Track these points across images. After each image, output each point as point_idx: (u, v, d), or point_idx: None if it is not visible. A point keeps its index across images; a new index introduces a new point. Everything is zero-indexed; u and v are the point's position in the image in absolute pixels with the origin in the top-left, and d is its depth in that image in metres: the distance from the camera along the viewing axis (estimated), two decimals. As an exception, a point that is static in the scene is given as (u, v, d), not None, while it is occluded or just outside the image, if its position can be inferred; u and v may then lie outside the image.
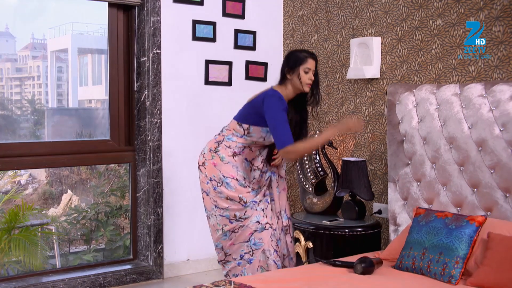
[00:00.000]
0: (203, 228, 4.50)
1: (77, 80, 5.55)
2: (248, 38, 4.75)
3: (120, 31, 4.35)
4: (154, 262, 4.30)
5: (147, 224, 4.30)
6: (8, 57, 6.11)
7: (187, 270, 4.48)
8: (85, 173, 5.66)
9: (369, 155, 4.14)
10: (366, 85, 4.17)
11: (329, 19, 4.48)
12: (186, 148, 4.45)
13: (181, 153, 4.43)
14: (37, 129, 5.32)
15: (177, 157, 4.42)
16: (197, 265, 4.53)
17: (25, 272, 4.44)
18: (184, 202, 4.47)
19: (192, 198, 4.48)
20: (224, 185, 3.31)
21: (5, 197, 4.98)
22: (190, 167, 4.46)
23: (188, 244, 4.50)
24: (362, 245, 3.57)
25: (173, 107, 4.39)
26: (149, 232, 4.30)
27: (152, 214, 4.28)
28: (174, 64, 4.40)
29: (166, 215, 4.36)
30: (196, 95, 4.50)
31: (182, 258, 4.49)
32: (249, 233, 3.30)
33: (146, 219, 4.31)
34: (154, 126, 4.28)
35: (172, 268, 4.42)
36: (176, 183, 4.42)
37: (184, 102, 4.46)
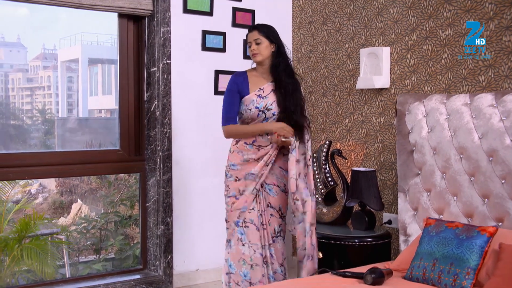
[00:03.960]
0: (213, 238, 4.53)
1: (87, 90, 5.58)
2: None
3: (130, 41, 4.38)
4: (164, 272, 4.30)
5: (157, 234, 4.31)
6: (20, 68, 6.16)
7: (197, 280, 4.48)
8: (95, 183, 5.68)
9: (379, 165, 4.13)
10: (376, 95, 4.17)
11: (339, 29, 4.49)
12: (196, 157, 4.47)
13: (190, 162, 4.44)
14: (47, 139, 5.35)
15: (187, 166, 4.43)
16: (207, 275, 4.52)
17: (36, 281, 4.46)
18: (193, 211, 4.47)
19: (202, 208, 4.49)
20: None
21: (16, 207, 5.01)
22: (200, 177, 4.48)
23: (198, 254, 4.50)
24: (372, 256, 3.55)
25: (182, 117, 4.40)
26: (158, 242, 4.30)
27: (162, 224, 4.28)
28: (184, 74, 4.42)
29: (176, 225, 4.37)
30: (205, 105, 4.52)
31: (191, 268, 4.48)
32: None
33: (155, 229, 4.31)
34: (164, 136, 4.30)
35: (182, 278, 4.42)
36: (185, 192, 4.42)
37: (194, 112, 4.47)
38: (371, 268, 2.89)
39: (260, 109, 3.46)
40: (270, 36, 3.50)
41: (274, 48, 3.52)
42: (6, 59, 6.14)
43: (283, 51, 3.54)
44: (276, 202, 3.52)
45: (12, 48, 6.14)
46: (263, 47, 3.48)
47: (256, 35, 3.49)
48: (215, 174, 4.53)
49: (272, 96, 3.48)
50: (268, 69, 3.54)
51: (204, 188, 4.51)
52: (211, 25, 4.55)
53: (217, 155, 4.51)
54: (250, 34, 3.53)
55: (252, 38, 3.50)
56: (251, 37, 3.51)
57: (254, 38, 3.49)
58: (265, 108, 3.46)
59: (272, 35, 3.52)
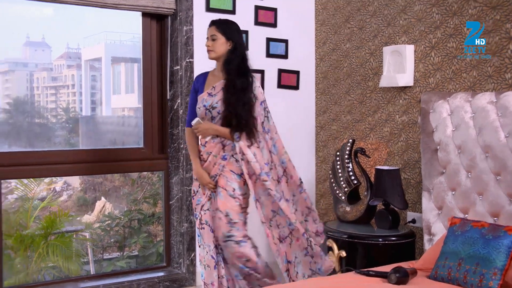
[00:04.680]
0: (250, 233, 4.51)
1: (110, 88, 5.63)
2: (280, 46, 4.76)
3: (154, 40, 4.40)
4: (187, 270, 4.32)
5: (180, 232, 4.33)
6: (44, 67, 6.23)
7: (220, 278, 4.49)
8: (118, 181, 5.73)
9: (403, 163, 4.10)
10: (399, 93, 4.14)
11: (362, 27, 4.47)
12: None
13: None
14: (71, 137, 5.41)
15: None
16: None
17: (61, 277, 4.51)
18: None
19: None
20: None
21: (41, 204, 5.07)
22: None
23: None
24: (396, 255, 3.54)
25: (205, 115, 4.41)
26: (182, 240, 4.33)
27: (185, 222, 4.30)
28: (207, 72, 4.43)
29: (199, 223, 4.38)
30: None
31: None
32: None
33: (179, 227, 4.34)
34: (187, 134, 4.31)
35: (205, 276, 4.43)
36: (208, 191, 4.43)
37: (217, 111, 4.48)
38: (395, 267, 2.88)
39: (207, 107, 3.43)
40: (227, 33, 3.42)
41: (231, 45, 3.43)
42: (31, 59, 6.22)
43: (239, 49, 3.44)
44: (223, 206, 3.39)
45: (37, 47, 6.21)
46: (218, 44, 3.42)
47: (213, 30, 3.43)
48: (238, 173, 4.55)
49: (220, 95, 3.41)
50: (221, 67, 3.47)
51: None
52: (233, 23, 4.55)
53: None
54: (209, 29, 3.46)
55: (209, 33, 3.45)
56: (208, 32, 3.45)
57: (211, 34, 3.43)
58: (210, 107, 3.42)
59: (229, 32, 3.43)
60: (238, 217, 3.40)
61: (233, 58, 3.41)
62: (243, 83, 3.39)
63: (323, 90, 4.88)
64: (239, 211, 3.41)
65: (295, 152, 4.81)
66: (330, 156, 4.77)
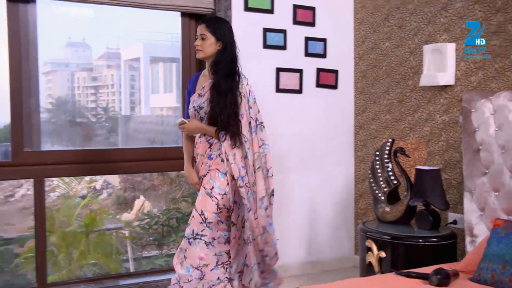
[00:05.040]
0: (291, 233, 4.55)
1: (149, 88, 5.69)
2: (318, 45, 4.74)
3: (193, 39, 4.42)
4: (226, 268, 4.34)
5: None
6: (85, 67, 6.33)
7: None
8: (157, 180, 5.79)
9: (443, 163, 4.04)
10: (440, 92, 4.08)
11: (401, 25, 4.42)
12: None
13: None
14: (111, 136, 5.48)
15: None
16: (288, 270, 4.51)
17: (102, 274, 4.58)
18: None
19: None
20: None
21: (82, 202, 5.16)
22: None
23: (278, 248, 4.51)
24: (436, 256, 3.48)
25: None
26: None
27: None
28: (245, 72, 4.41)
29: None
30: (266, 103, 4.52)
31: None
32: None
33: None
34: (226, 133, 4.33)
35: (243, 275, 4.45)
36: (246, 190, 4.45)
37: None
38: (437, 269, 2.84)
39: (195, 108, 3.37)
40: (217, 33, 3.31)
41: (221, 46, 3.33)
42: (72, 59, 6.33)
43: (228, 50, 3.33)
44: (199, 204, 3.25)
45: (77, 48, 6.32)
46: (207, 44, 3.31)
47: (202, 29, 3.32)
48: (277, 172, 4.53)
49: (208, 95, 3.33)
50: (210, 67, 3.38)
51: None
52: (272, 22, 4.56)
53: (279, 153, 4.54)
54: (199, 27, 3.34)
55: (198, 31, 3.33)
56: (198, 31, 3.33)
57: (200, 33, 3.32)
58: (199, 107, 3.35)
59: (220, 32, 3.31)
60: (213, 216, 3.23)
61: (222, 59, 3.31)
62: (229, 84, 3.28)
63: (362, 89, 4.84)
64: (215, 211, 3.24)
65: (334, 152, 4.81)
66: (369, 155, 4.74)
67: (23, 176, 4.14)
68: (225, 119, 3.24)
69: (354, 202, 4.93)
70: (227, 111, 3.24)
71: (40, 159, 3.95)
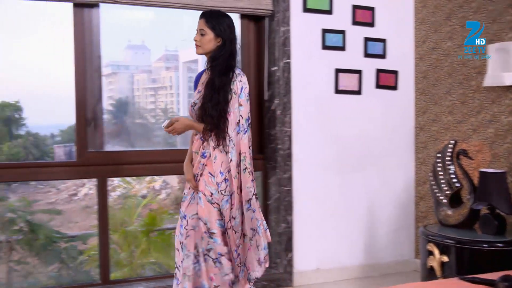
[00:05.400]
0: (333, 237, 4.53)
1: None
2: (378, 46, 4.68)
3: (252, 41, 4.46)
4: (284, 270, 4.35)
5: (278, 232, 4.36)
6: (144, 69, 6.46)
7: (317, 279, 4.49)
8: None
9: (509, 166, 3.93)
10: (505, 93, 3.97)
11: (464, 24, 4.32)
12: (316, 156, 4.48)
13: (311, 161, 4.46)
14: (169, 137, 5.57)
15: (307, 165, 4.44)
16: (327, 275, 4.51)
17: (162, 273, 4.65)
18: (314, 210, 4.49)
19: (322, 207, 4.50)
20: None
21: (143, 202, 5.26)
22: (320, 175, 4.49)
23: (318, 253, 4.51)
24: (502, 262, 3.37)
25: (303, 116, 4.42)
26: (279, 240, 4.35)
27: (283, 222, 4.33)
28: (304, 73, 4.44)
29: (296, 223, 4.40)
30: (325, 104, 4.51)
31: (311, 267, 4.50)
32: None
33: (276, 227, 4.37)
34: (284, 134, 4.34)
35: (302, 277, 4.44)
36: (305, 191, 4.44)
37: (314, 111, 4.48)
38: (504, 275, 2.75)
39: (191, 104, 3.23)
40: (216, 28, 3.11)
41: (220, 42, 3.13)
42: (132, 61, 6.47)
43: (227, 46, 3.13)
44: (202, 213, 3.07)
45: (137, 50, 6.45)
46: (206, 40, 3.12)
47: (202, 24, 3.13)
48: (336, 173, 4.53)
49: (203, 91, 3.14)
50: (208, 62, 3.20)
51: (325, 187, 4.51)
52: (330, 23, 4.53)
53: (338, 154, 4.52)
54: (199, 21, 3.15)
55: (198, 26, 3.15)
56: (198, 26, 3.15)
57: (199, 28, 3.13)
58: (194, 103, 3.20)
59: (220, 28, 3.12)
60: (216, 226, 3.07)
61: (220, 55, 3.12)
62: (222, 81, 3.09)
63: (423, 90, 4.76)
64: (218, 218, 3.08)
65: (393, 153, 4.75)
66: (430, 157, 4.65)
67: (87, 175, 4.25)
68: (214, 116, 3.05)
69: (415, 204, 4.85)
70: (218, 108, 3.06)
71: (104, 159, 4.05)
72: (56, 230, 5.12)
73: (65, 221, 5.43)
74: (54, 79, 5.03)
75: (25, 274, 4.81)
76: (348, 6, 4.60)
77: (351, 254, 4.63)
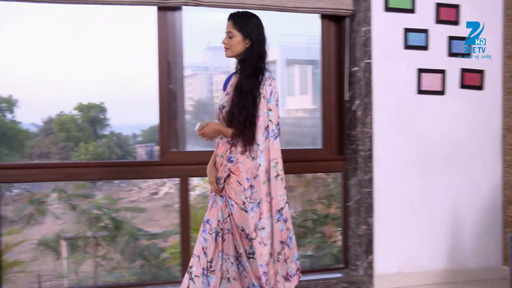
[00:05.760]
0: (415, 240, 4.43)
1: (285, 90, 5.75)
2: (463, 44, 4.54)
3: (332, 41, 4.43)
4: (365, 272, 4.29)
5: (358, 234, 4.31)
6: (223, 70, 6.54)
7: (398, 283, 4.40)
8: (292, 181, 5.84)
9: None
10: None
11: (557, 20, 4.13)
12: (397, 158, 4.39)
13: (392, 163, 4.38)
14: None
15: (388, 166, 4.37)
16: (409, 279, 4.41)
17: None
18: (395, 212, 4.40)
19: (404, 209, 4.41)
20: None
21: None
22: (401, 177, 4.41)
23: (399, 256, 4.42)
24: None
25: (384, 116, 4.35)
26: (360, 242, 4.30)
27: (363, 224, 4.27)
28: (385, 73, 4.36)
29: (377, 226, 4.33)
30: (408, 105, 4.42)
31: (392, 270, 4.41)
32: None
33: (356, 229, 4.32)
34: (365, 135, 4.28)
35: (383, 280, 4.37)
36: (387, 193, 4.37)
37: (396, 112, 4.40)
38: None
39: (219, 107, 3.15)
40: (244, 30, 3.05)
41: (249, 43, 3.07)
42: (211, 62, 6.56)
43: (256, 47, 3.06)
44: (239, 221, 3.03)
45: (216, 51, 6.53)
46: (235, 42, 3.07)
47: (229, 26, 3.08)
48: (418, 175, 4.43)
49: (231, 94, 3.09)
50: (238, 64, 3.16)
51: (407, 189, 4.42)
52: (413, 22, 4.43)
53: (420, 155, 4.42)
54: (227, 23, 3.11)
55: (226, 29, 3.11)
56: (226, 28, 3.11)
57: (227, 30, 3.09)
58: (222, 106, 3.12)
59: (247, 29, 3.05)
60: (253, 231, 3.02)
61: (248, 57, 3.07)
62: (250, 84, 3.02)
63: (511, 90, 4.57)
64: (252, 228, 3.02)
65: (479, 155, 4.60)
66: (518, 160, 4.47)
67: (170, 175, 4.35)
68: (241, 121, 2.99)
69: (502, 209, 4.67)
70: (245, 113, 3.00)
71: (185, 159, 4.13)
72: (139, 228, 5.26)
73: (147, 219, 5.56)
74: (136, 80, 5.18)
75: (109, 269, 4.97)
76: (432, 4, 4.48)
77: (433, 258, 4.51)
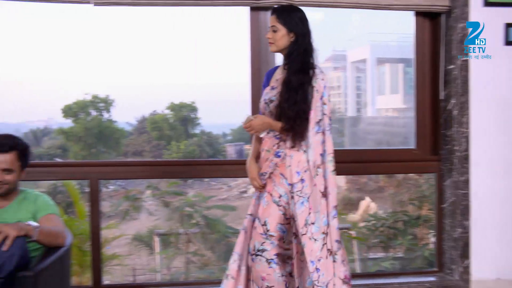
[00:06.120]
0: None
1: (375, 89, 5.69)
2: None
3: (427, 39, 4.31)
4: (460, 277, 4.14)
5: (453, 237, 4.17)
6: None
7: (497, 290, 4.24)
8: (383, 181, 5.75)
9: None
10: None
11: None
12: (496, 159, 4.21)
13: (492, 164, 4.20)
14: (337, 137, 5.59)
15: (486, 168, 4.19)
16: (509, 286, 4.23)
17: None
18: (493, 216, 4.22)
19: (503, 213, 4.23)
20: None
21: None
22: (501, 180, 4.23)
23: (498, 261, 4.23)
24: None
25: (482, 116, 4.18)
26: (455, 245, 4.16)
27: (459, 227, 4.13)
28: (484, 71, 4.19)
29: (474, 229, 4.17)
30: (508, 104, 4.23)
31: (491, 276, 4.24)
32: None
33: (451, 232, 4.18)
34: (462, 135, 4.14)
35: (480, 286, 4.20)
36: (484, 195, 4.20)
37: (495, 111, 4.21)
38: None
39: (266, 101, 3.07)
40: (288, 23, 2.98)
41: (294, 37, 3.00)
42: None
43: (301, 41, 2.99)
44: (263, 214, 2.97)
45: (305, 51, 6.54)
46: (279, 36, 3.00)
47: (273, 20, 3.03)
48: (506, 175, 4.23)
49: (280, 87, 3.03)
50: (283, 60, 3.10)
51: (506, 192, 4.23)
52: (515, 17, 4.25)
53: (510, 154, 4.22)
54: (270, 18, 3.07)
55: (269, 23, 3.06)
56: (270, 22, 3.06)
57: (271, 25, 3.03)
58: (269, 100, 3.05)
59: (291, 23, 2.99)
60: (276, 230, 2.97)
61: (293, 51, 3.00)
62: (299, 79, 2.97)
63: None
64: (281, 222, 2.98)
65: None
66: None
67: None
68: (291, 116, 2.95)
69: None
70: (296, 109, 2.96)
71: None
72: (229, 226, 5.35)
73: (236, 217, 5.65)
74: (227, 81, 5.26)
75: (200, 266, 5.08)
76: (537, -3, 4.28)
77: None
